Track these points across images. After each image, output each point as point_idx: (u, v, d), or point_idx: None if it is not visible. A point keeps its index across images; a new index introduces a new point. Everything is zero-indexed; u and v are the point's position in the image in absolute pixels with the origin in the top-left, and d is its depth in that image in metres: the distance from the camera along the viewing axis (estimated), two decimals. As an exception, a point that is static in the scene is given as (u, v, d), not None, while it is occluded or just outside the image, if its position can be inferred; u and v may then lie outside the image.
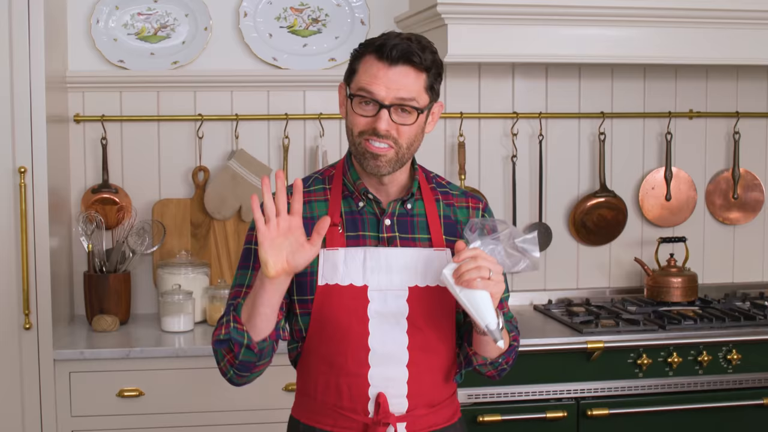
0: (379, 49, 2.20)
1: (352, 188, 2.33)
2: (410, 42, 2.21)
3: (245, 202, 3.96)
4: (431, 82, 2.25)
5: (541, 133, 4.21)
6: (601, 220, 4.27)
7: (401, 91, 2.19)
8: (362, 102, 2.22)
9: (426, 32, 3.77)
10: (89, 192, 3.93)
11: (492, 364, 2.35)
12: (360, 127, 2.23)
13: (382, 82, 2.19)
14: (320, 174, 2.40)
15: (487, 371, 2.39)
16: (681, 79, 4.32)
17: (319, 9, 4.04)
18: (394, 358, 2.26)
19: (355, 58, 2.27)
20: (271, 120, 4.05)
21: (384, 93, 2.19)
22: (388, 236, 2.31)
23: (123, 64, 3.93)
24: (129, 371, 3.43)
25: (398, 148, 2.23)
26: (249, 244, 2.35)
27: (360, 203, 2.33)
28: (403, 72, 2.20)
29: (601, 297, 4.27)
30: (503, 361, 2.36)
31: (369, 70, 2.21)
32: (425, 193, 2.37)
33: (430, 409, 2.31)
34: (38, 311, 3.41)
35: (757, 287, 4.40)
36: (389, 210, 2.32)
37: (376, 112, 2.21)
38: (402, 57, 2.19)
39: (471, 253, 2.13)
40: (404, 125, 2.22)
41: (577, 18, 3.66)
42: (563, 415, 3.55)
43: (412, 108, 2.21)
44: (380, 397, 2.25)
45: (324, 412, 2.30)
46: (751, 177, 4.42)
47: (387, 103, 2.19)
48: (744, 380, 3.70)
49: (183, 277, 3.81)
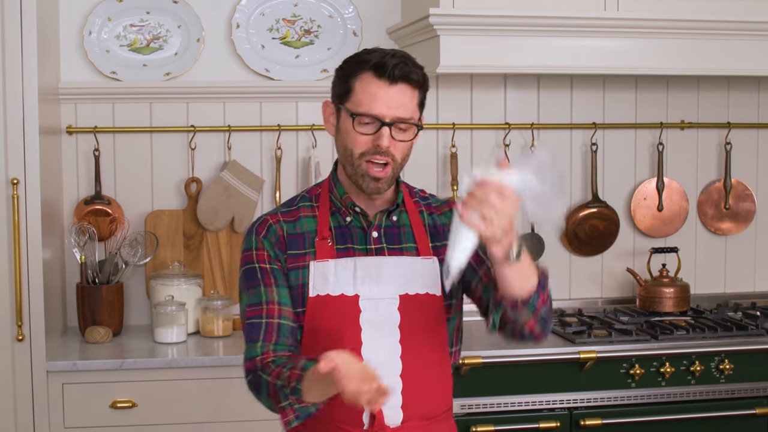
0: (378, 68, 2.22)
1: (339, 204, 2.35)
2: (405, 59, 2.24)
3: (238, 213, 3.96)
4: (422, 98, 2.29)
5: (533, 143, 4.21)
6: (594, 231, 4.28)
7: (400, 110, 2.22)
8: (362, 122, 2.23)
9: (418, 43, 3.79)
10: (82, 203, 3.92)
11: (525, 303, 2.16)
12: (361, 147, 2.24)
13: (383, 101, 2.21)
14: (307, 193, 2.42)
15: (523, 321, 2.21)
16: (673, 90, 4.34)
17: (312, 20, 4.04)
18: (387, 368, 2.25)
19: (349, 76, 2.27)
20: (263, 131, 4.05)
21: (385, 111, 2.21)
22: (376, 248, 2.32)
23: (115, 76, 3.93)
24: (122, 382, 3.43)
25: (394, 164, 2.26)
26: (251, 264, 2.32)
27: (347, 218, 2.34)
28: (402, 90, 2.23)
29: (593, 307, 4.27)
30: (538, 302, 2.18)
31: (368, 89, 2.22)
32: (409, 206, 2.39)
33: (425, 422, 2.30)
34: (31, 323, 3.40)
35: (749, 297, 4.40)
36: (376, 222, 2.34)
37: (376, 129, 2.22)
38: (402, 76, 2.22)
39: (492, 187, 1.98)
40: (403, 141, 2.25)
41: (569, 29, 3.67)
42: (556, 425, 3.55)
43: (409, 124, 2.24)
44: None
45: (318, 426, 2.29)
46: (743, 187, 4.43)
47: (388, 121, 2.21)
48: (736, 390, 3.70)
49: (176, 289, 3.81)
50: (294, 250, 2.31)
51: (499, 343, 3.66)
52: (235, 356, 3.46)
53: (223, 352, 3.56)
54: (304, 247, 2.31)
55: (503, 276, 2.12)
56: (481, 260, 2.31)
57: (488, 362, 3.50)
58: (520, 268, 2.10)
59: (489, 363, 3.50)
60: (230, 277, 3.99)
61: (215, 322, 3.77)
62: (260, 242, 2.32)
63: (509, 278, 2.12)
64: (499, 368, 3.53)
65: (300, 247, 2.31)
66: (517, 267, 2.09)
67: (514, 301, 2.16)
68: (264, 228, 2.33)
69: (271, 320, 2.26)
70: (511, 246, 2.05)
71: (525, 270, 2.12)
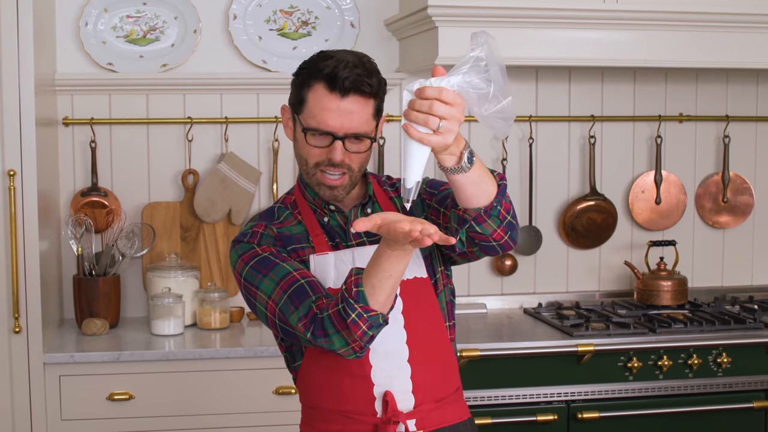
0: (329, 79, 2.19)
1: (313, 205, 2.34)
2: (358, 69, 2.19)
3: (235, 205, 3.95)
4: (378, 106, 2.26)
5: (531, 136, 4.20)
6: (591, 224, 4.27)
7: (353, 122, 2.20)
8: (315, 134, 2.22)
9: (416, 35, 3.78)
10: (78, 195, 3.91)
11: (489, 213, 2.11)
12: (315, 158, 2.24)
13: (335, 114, 2.19)
14: (281, 203, 2.40)
15: (491, 231, 2.13)
16: (671, 83, 4.33)
17: (309, 12, 4.03)
18: (395, 355, 2.26)
19: (302, 85, 2.25)
20: (260, 123, 4.04)
21: (338, 125, 2.19)
22: (357, 242, 2.32)
23: (112, 67, 3.92)
24: (119, 374, 3.42)
25: (351, 173, 2.26)
26: (258, 256, 2.27)
27: (325, 218, 2.34)
28: (353, 101, 2.20)
29: (591, 300, 4.27)
30: (501, 208, 2.12)
31: (320, 102, 2.20)
32: (380, 197, 2.39)
33: (437, 404, 2.31)
34: (28, 315, 3.40)
35: (746, 291, 4.41)
36: (352, 217, 2.33)
37: (329, 143, 2.21)
38: (353, 87, 2.18)
39: (431, 94, 1.89)
40: (357, 153, 2.24)
41: (567, 21, 3.67)
42: (553, 418, 3.55)
43: (363, 136, 2.23)
44: (387, 395, 2.25)
45: (331, 418, 2.30)
46: (741, 180, 4.43)
47: (341, 135, 2.20)
48: (734, 383, 3.70)
49: (173, 281, 3.80)
50: (292, 245, 2.30)
51: (497, 336, 3.71)
52: (232, 348, 3.46)
53: (220, 344, 3.56)
54: (300, 242, 2.31)
55: (461, 188, 2.06)
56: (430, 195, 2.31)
57: (486, 355, 3.50)
58: (475, 174, 2.04)
59: (486, 356, 3.50)
60: (227, 269, 3.98)
61: (212, 314, 3.76)
62: (258, 242, 2.30)
63: (466, 188, 2.06)
64: (497, 361, 3.53)
65: (296, 243, 2.30)
66: (472, 174, 2.03)
67: (477, 212, 2.10)
68: (256, 236, 2.31)
69: (310, 278, 2.20)
70: (462, 153, 2.00)
71: (482, 177, 2.06)
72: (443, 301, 2.38)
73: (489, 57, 1.90)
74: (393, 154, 4.10)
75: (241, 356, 3.44)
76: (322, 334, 2.10)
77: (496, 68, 1.90)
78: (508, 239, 2.18)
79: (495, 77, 1.90)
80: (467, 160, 2.01)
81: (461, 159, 2.00)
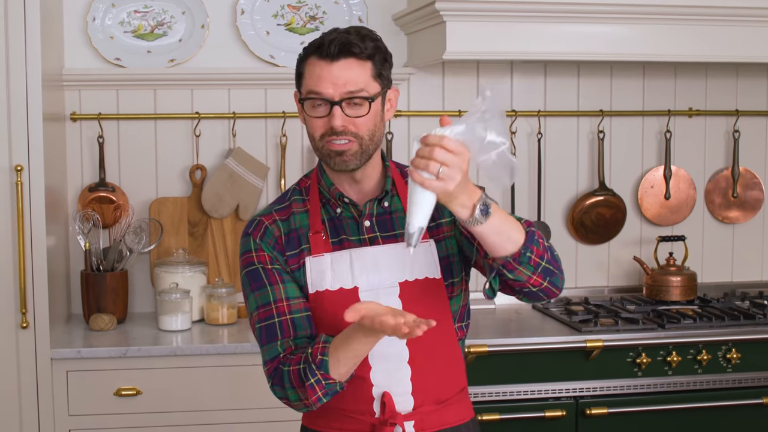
0: (318, 49, 2.21)
1: (327, 195, 2.33)
2: (348, 34, 2.21)
3: (243, 200, 3.95)
4: (378, 70, 2.24)
5: (539, 131, 4.19)
6: (600, 219, 4.26)
7: (348, 85, 2.19)
8: (314, 104, 2.22)
9: (424, 30, 3.76)
10: (86, 190, 3.91)
11: (518, 261, 2.09)
12: (319, 130, 2.23)
13: (328, 79, 2.19)
14: (297, 185, 2.40)
15: (525, 278, 2.13)
16: (680, 77, 4.31)
17: (317, 6, 4.02)
18: (394, 356, 2.25)
19: (300, 62, 2.27)
20: (268, 118, 4.03)
21: (332, 90, 2.19)
22: (369, 237, 2.30)
23: (119, 62, 3.91)
24: (126, 370, 3.42)
25: (360, 141, 2.22)
26: (253, 265, 2.29)
27: (338, 209, 2.32)
28: (345, 65, 2.19)
29: (599, 296, 4.25)
30: (532, 255, 2.11)
31: (313, 72, 2.21)
32: (400, 188, 2.35)
33: (437, 406, 2.29)
34: (35, 310, 3.40)
35: (756, 286, 4.39)
36: (366, 211, 2.31)
37: (328, 111, 2.20)
38: (342, 50, 2.19)
39: (433, 140, 1.94)
40: (359, 117, 2.21)
41: (576, 15, 3.65)
42: (562, 414, 3.54)
43: (362, 99, 2.20)
44: (385, 396, 2.24)
45: (331, 415, 2.29)
46: (751, 176, 4.41)
47: (337, 99, 2.19)
48: (743, 379, 3.69)
49: (180, 276, 3.80)
50: (291, 251, 2.29)
51: (506, 331, 3.70)
52: (240, 344, 3.46)
53: (227, 339, 3.55)
54: (300, 245, 2.29)
55: (483, 238, 2.07)
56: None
57: (494, 351, 3.49)
58: (495, 225, 2.04)
59: (495, 351, 3.49)
60: (234, 265, 3.98)
61: (220, 310, 3.76)
62: (258, 245, 2.29)
63: (488, 238, 2.06)
64: (505, 357, 3.52)
65: (296, 246, 2.29)
66: (490, 226, 2.03)
67: (505, 261, 2.09)
68: (259, 231, 2.31)
69: (283, 317, 2.24)
70: (475, 205, 2.01)
71: (502, 226, 2.06)
72: (458, 305, 2.35)
73: (491, 105, 1.95)
74: (401, 150, 4.09)
75: (249, 351, 3.44)
76: (280, 385, 2.20)
77: (495, 116, 1.94)
78: (548, 285, 2.18)
79: (493, 124, 1.94)
80: (480, 212, 2.01)
81: (474, 211, 2.01)
